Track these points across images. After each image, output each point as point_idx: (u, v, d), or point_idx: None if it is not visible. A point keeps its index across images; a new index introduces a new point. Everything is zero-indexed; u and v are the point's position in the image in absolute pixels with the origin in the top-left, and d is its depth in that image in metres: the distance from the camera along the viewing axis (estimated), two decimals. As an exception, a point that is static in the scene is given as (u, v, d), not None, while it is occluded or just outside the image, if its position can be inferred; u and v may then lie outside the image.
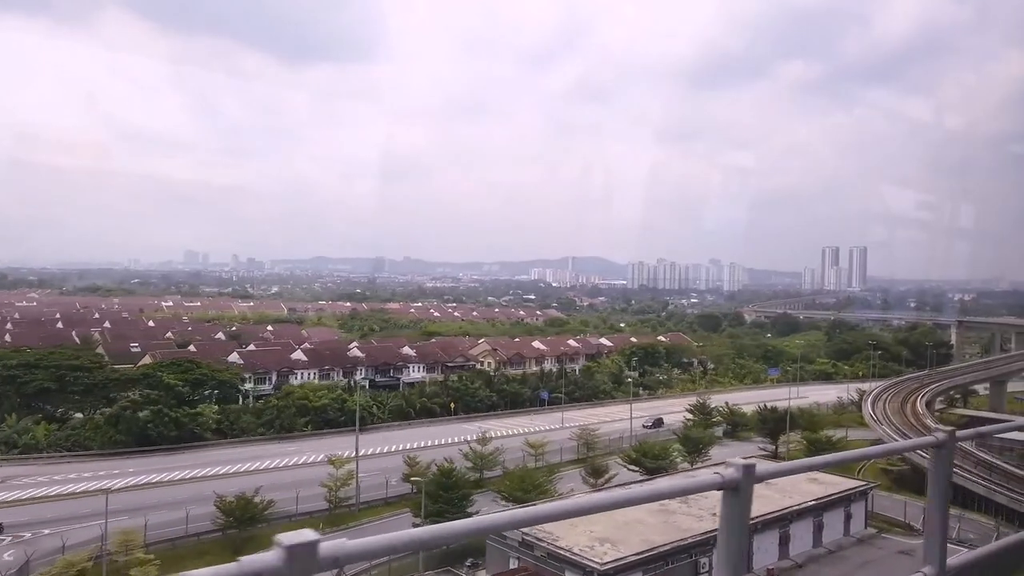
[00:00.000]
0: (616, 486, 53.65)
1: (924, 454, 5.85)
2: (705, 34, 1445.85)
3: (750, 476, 2.85)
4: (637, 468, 58.48)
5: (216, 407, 70.52)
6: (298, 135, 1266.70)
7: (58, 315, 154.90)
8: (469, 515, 45.13)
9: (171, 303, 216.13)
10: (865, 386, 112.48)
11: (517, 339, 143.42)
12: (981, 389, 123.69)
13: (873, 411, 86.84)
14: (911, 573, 3.77)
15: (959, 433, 4.18)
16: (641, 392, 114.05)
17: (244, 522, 43.74)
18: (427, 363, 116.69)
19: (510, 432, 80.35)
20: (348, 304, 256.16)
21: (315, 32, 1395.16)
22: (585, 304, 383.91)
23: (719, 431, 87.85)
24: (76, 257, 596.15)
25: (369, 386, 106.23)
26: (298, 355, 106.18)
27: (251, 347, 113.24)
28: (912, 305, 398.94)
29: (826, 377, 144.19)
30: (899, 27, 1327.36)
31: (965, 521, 56.43)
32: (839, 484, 53.59)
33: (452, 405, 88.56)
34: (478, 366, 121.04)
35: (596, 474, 55.28)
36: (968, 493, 65.25)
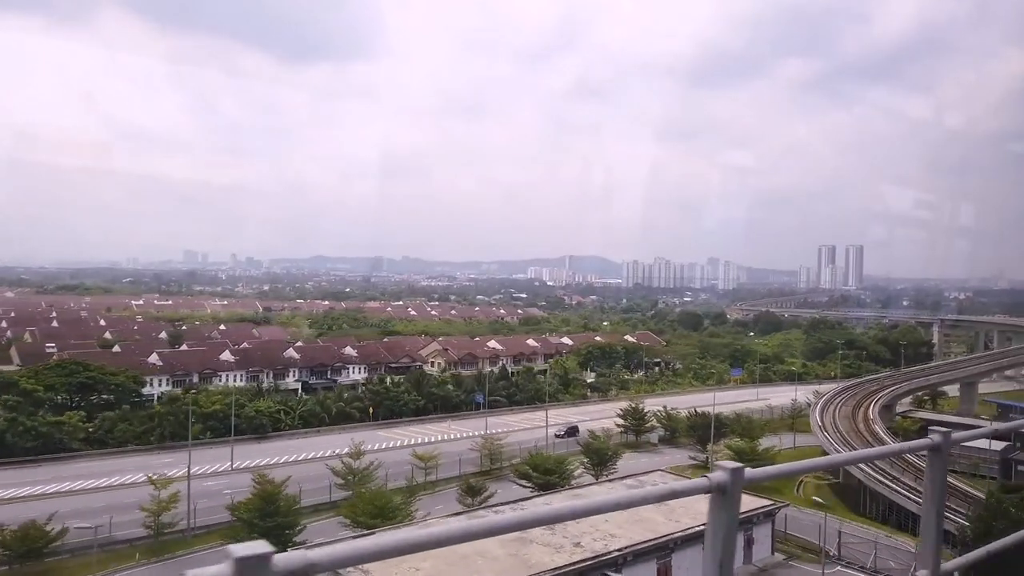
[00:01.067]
0: (505, 504, 46.92)
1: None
2: (703, 32, 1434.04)
3: (739, 479, 2.82)
4: (528, 483, 51.68)
5: (84, 414, 63.79)
6: (297, 134, 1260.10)
7: (13, 314, 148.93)
8: (292, 546, 38.26)
9: (142, 302, 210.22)
10: (828, 387, 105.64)
11: (477, 338, 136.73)
12: (952, 391, 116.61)
13: (821, 418, 79.73)
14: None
15: (954, 436, 4.14)
16: (589, 394, 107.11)
17: (24, 556, 37.11)
18: (368, 364, 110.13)
19: (420, 440, 73.64)
20: (327, 303, 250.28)
21: (313, 31, 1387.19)
22: (574, 303, 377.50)
23: (654, 437, 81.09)
24: (76, 257, 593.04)
25: (302, 388, 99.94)
26: (226, 356, 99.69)
27: (184, 347, 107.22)
28: (905, 304, 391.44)
29: (795, 378, 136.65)
30: (897, 25, 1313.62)
31: (885, 548, 49.51)
32: (746, 503, 46.60)
33: (371, 410, 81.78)
34: (427, 367, 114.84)
35: (471, 493, 48.40)
36: (902, 511, 58.21)
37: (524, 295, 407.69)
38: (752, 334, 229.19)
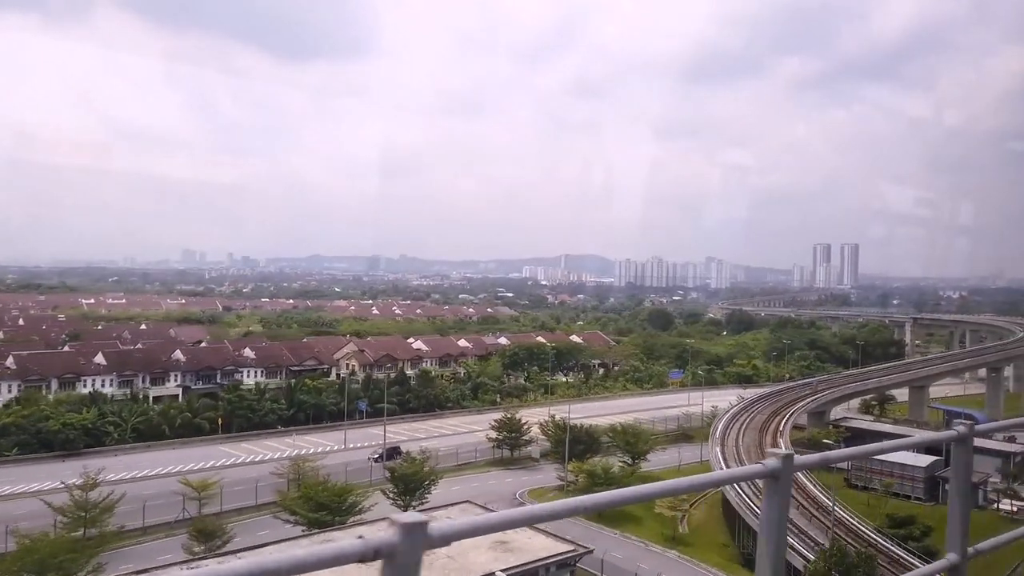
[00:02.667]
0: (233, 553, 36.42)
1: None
2: (701, 31, 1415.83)
3: (789, 466, 3.04)
4: (294, 520, 41.19)
5: None
6: (295, 133, 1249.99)
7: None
8: None
9: (93, 301, 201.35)
10: (759, 391, 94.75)
11: (411, 339, 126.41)
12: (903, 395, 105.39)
13: (725, 428, 68.84)
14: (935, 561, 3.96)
15: (979, 427, 4.38)
16: (500, 400, 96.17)
17: None
18: (266, 367, 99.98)
19: (259, 457, 63.34)
20: (291, 302, 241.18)
21: (310, 29, 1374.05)
22: (558, 302, 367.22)
23: (535, 452, 70.32)
24: (74, 256, 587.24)
25: (183, 394, 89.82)
26: (99, 359, 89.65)
27: (66, 349, 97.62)
28: (896, 303, 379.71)
29: (745, 380, 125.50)
30: (895, 23, 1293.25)
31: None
32: (535, 551, 35.96)
33: (220, 421, 71.39)
34: (340, 369, 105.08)
35: (205, 537, 37.95)
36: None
37: (511, 294, 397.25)
38: (725, 333, 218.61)
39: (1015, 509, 63.79)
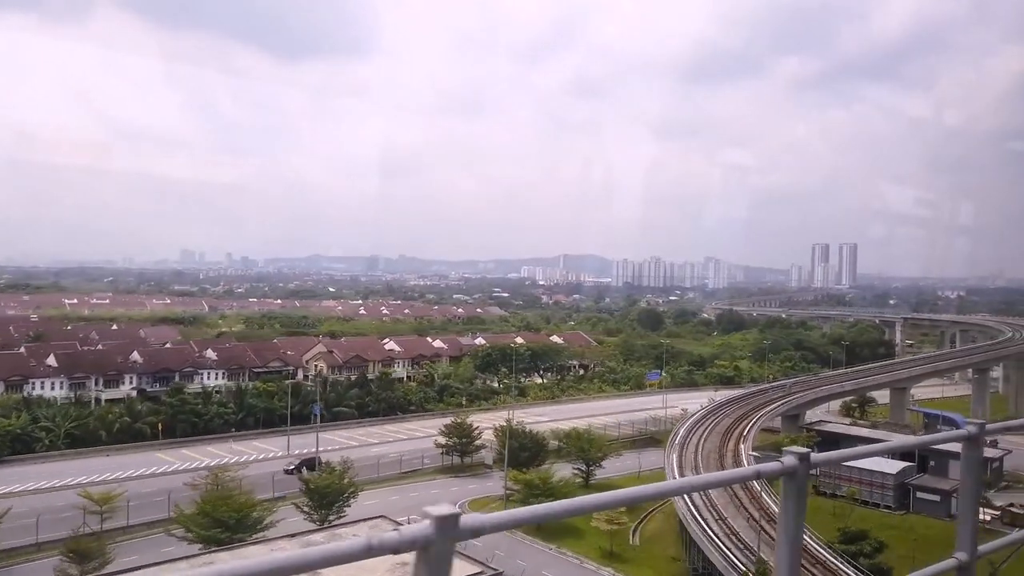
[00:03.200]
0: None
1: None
2: (700, 31, 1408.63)
3: (806, 463, 3.14)
4: (195, 538, 37.74)
5: None
6: (295, 133, 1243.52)
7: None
8: None
9: (76, 301, 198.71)
10: (733, 393, 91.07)
11: (387, 340, 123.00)
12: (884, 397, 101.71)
13: (687, 434, 65.21)
14: (944, 559, 3.97)
15: (989, 427, 4.41)
16: (464, 403, 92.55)
17: None
18: (229, 369, 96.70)
19: (193, 464, 59.95)
20: (279, 302, 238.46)
21: (309, 28, 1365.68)
22: (552, 301, 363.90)
23: (490, 458, 66.81)
24: (73, 256, 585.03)
25: (138, 396, 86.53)
26: (51, 360, 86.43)
27: (20, 350, 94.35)
28: (892, 303, 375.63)
29: (727, 381, 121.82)
30: (895, 23, 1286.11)
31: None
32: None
33: (160, 426, 68.02)
34: (308, 371, 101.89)
35: (80, 558, 34.51)
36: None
37: (506, 295, 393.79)
38: (715, 333, 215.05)
39: (987, 519, 60.13)
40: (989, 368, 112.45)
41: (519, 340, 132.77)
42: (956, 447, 4.14)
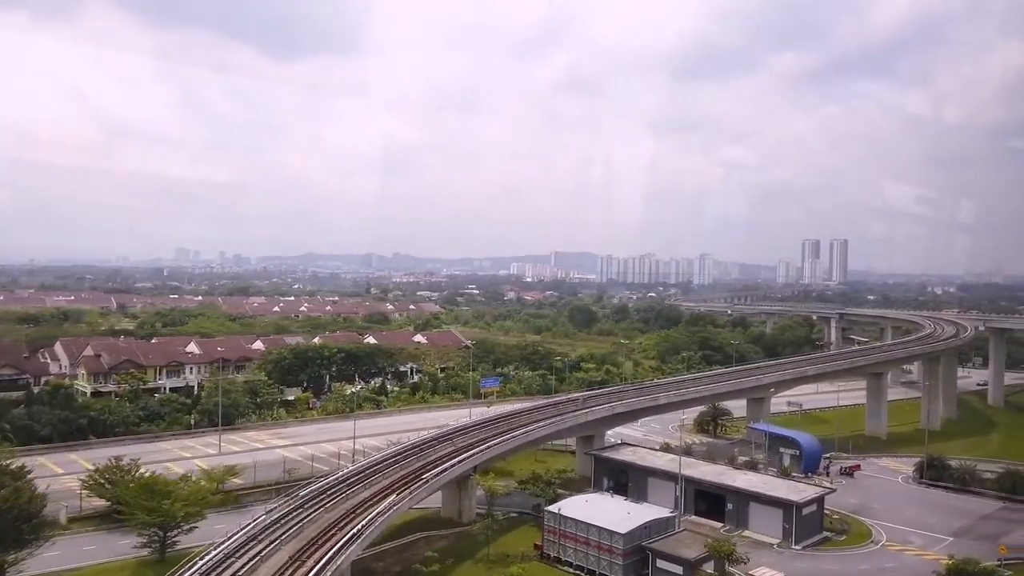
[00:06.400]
0: None
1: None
2: (694, 26, 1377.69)
3: None
4: None
5: None
6: (290, 130, 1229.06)
7: None
8: None
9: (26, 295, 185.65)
10: (510, 409, 71.39)
11: (192, 341, 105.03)
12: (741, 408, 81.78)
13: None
14: None
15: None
16: (193, 424, 72.84)
17: None
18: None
19: None
20: (198, 298, 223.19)
21: (303, 26, 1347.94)
22: (515, 298, 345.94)
23: (62, 514, 47.71)
24: (70, 254, 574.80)
25: None
26: None
27: None
28: (872, 298, 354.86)
29: (599, 384, 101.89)
30: (889, 18, 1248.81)
31: None
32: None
33: None
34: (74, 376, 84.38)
35: None
36: None
37: (476, 291, 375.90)
38: (652, 331, 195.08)
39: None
40: (885, 373, 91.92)
41: (370, 340, 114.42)
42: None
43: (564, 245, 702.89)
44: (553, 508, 46.50)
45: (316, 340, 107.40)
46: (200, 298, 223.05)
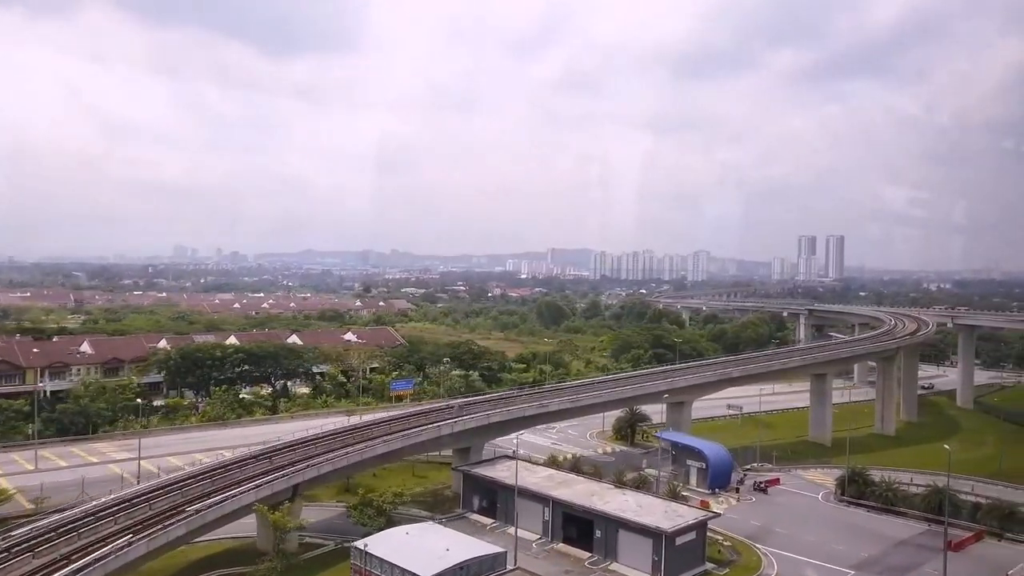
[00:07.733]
0: None
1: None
2: (692, 24, 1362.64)
3: None
4: None
5: None
6: (288, 128, 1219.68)
7: None
8: None
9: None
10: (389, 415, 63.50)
11: (85, 340, 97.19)
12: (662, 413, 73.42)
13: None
14: None
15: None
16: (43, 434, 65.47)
17: None
18: None
19: None
20: (159, 295, 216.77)
21: (300, 23, 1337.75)
22: (500, 294, 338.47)
23: None
24: (71, 253, 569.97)
25: None
26: None
27: None
28: (863, 295, 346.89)
29: (529, 385, 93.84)
30: (887, 15, 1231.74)
31: None
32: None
33: None
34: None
35: None
36: None
37: (463, 288, 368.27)
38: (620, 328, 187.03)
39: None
40: (828, 374, 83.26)
41: (299, 341, 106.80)
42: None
43: (562, 242, 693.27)
44: (360, 544, 38.54)
45: (232, 339, 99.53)
46: (164, 295, 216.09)
